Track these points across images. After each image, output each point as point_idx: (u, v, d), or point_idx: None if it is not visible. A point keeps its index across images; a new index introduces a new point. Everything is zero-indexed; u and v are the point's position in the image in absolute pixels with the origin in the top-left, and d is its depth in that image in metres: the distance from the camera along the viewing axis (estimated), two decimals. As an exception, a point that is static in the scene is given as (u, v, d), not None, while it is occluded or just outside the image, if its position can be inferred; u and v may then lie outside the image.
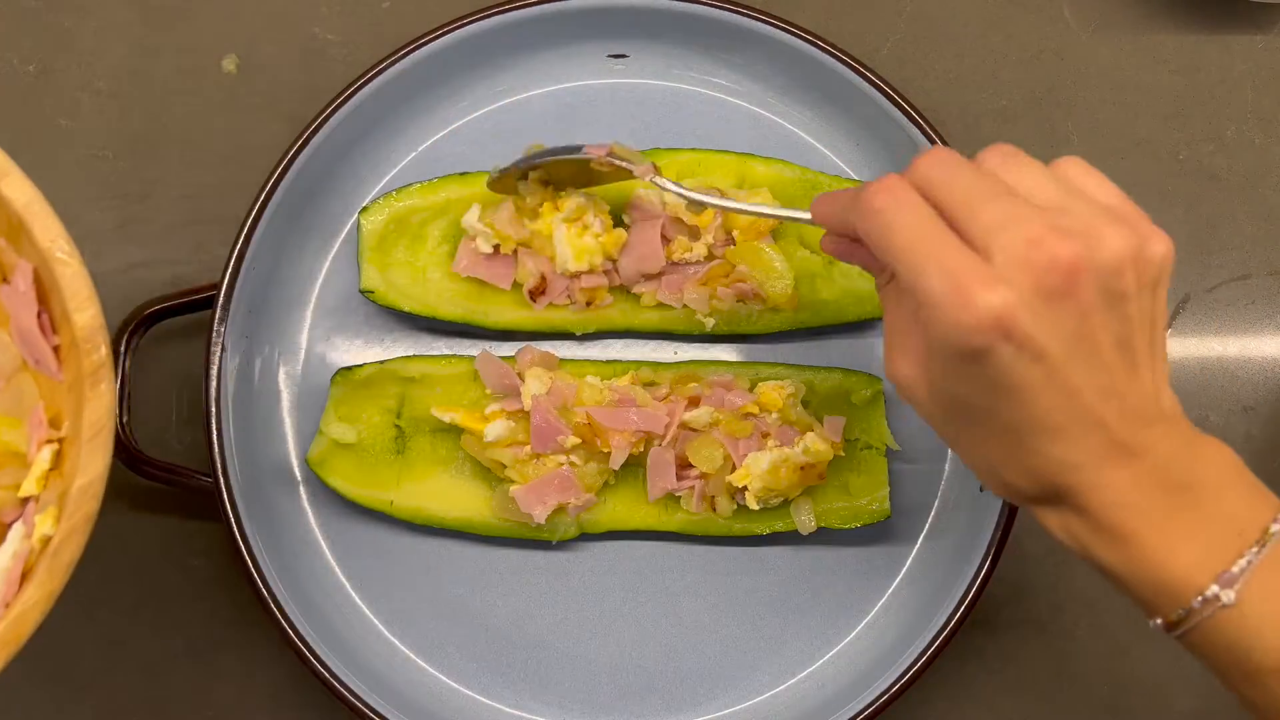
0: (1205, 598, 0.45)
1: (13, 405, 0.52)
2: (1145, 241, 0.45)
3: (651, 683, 0.66)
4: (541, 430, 0.63)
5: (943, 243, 0.44)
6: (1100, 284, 0.43)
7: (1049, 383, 0.44)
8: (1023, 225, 0.43)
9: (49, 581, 0.46)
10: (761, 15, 0.67)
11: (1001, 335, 0.42)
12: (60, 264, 0.48)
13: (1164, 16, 0.76)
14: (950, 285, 0.43)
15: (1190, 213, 0.74)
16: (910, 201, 0.45)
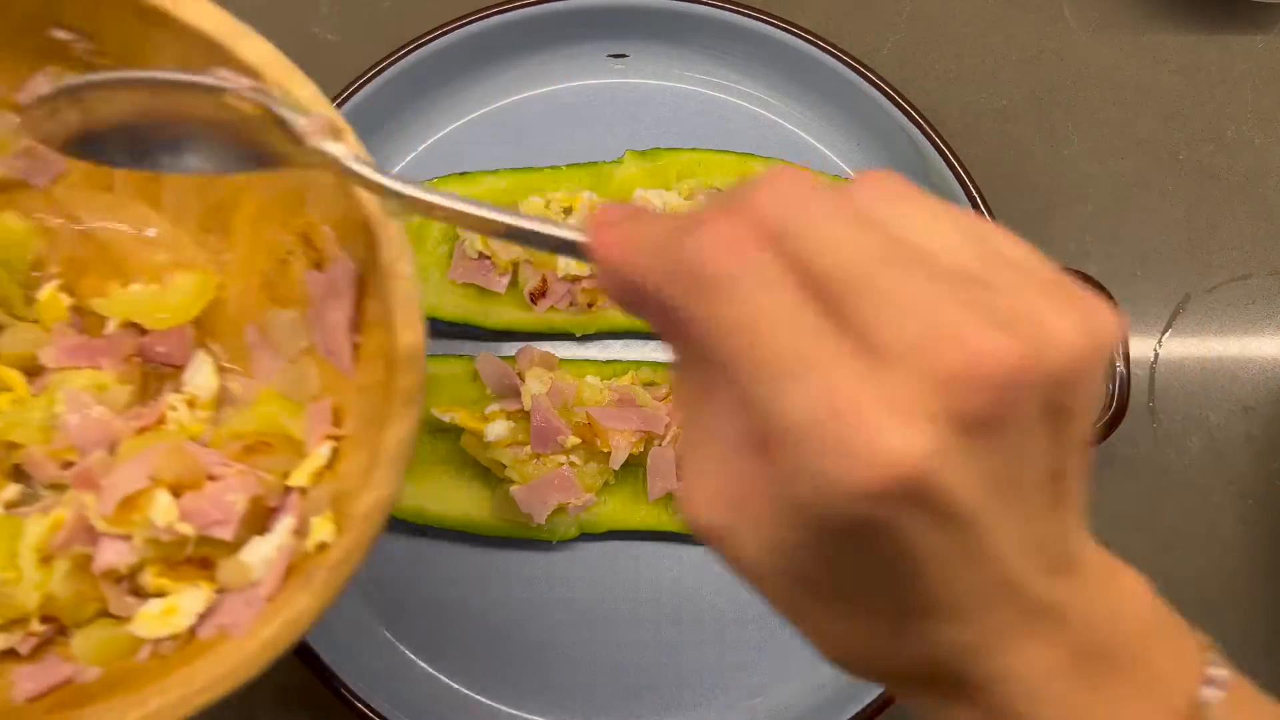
0: None
1: (292, 387, 0.51)
2: (1096, 326, 0.29)
3: (652, 683, 0.66)
4: (541, 430, 0.63)
5: (821, 343, 0.27)
6: (1045, 402, 0.28)
7: (961, 550, 0.29)
8: (936, 314, 0.27)
9: (325, 593, 0.44)
10: (761, 15, 0.67)
11: (908, 500, 0.27)
12: (400, 279, 0.46)
13: (1164, 16, 0.76)
14: (833, 418, 0.26)
15: (1190, 212, 0.74)
16: (765, 272, 0.28)
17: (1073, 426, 0.29)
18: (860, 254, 0.28)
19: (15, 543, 0.46)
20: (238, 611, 0.46)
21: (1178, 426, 0.72)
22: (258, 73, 0.44)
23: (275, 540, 0.47)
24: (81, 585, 0.46)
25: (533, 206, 0.66)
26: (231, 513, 0.47)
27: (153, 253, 0.53)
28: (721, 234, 0.28)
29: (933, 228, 0.29)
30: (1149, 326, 0.73)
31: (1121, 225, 0.73)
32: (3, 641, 0.46)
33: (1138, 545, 0.70)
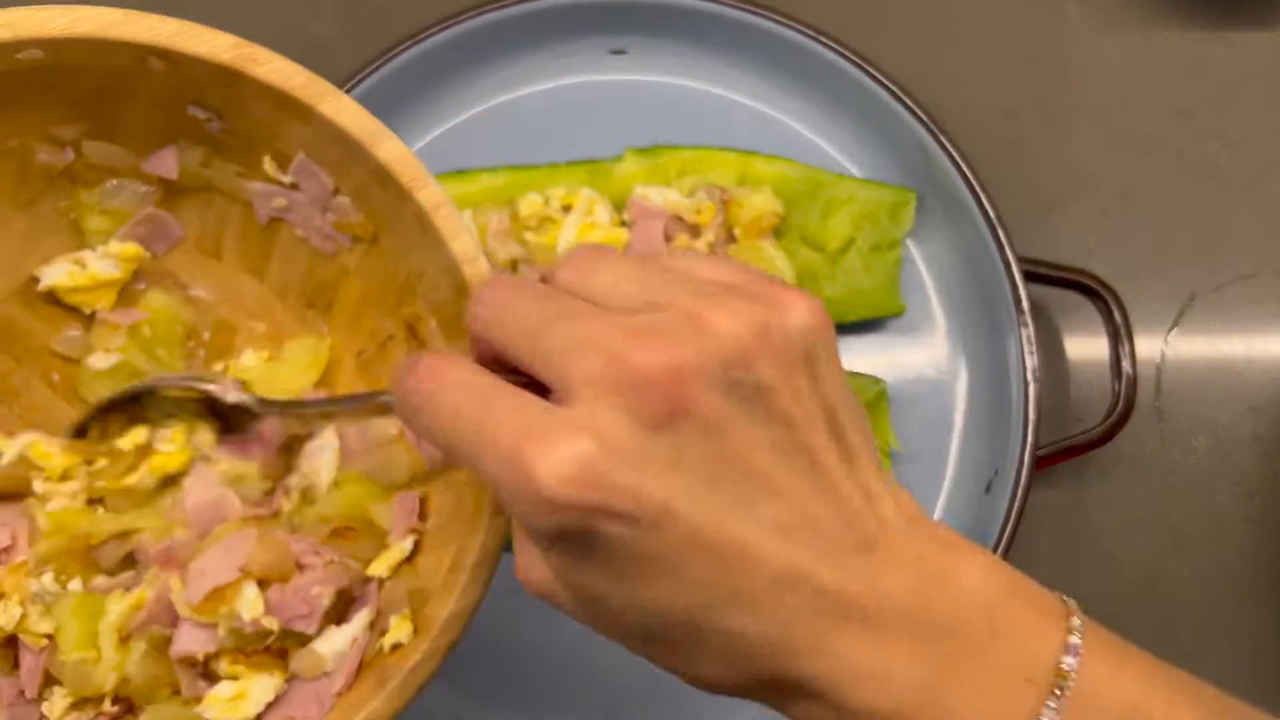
0: None
1: (379, 473, 0.49)
2: (771, 312, 0.33)
3: (651, 682, 0.66)
4: (541, 430, 0.63)
5: (491, 405, 0.32)
6: (723, 385, 0.31)
7: (693, 544, 0.31)
8: (596, 341, 0.31)
9: (399, 698, 0.43)
10: (764, 11, 0.67)
11: (588, 507, 0.30)
12: None
13: (1169, 14, 0.75)
14: (506, 458, 0.31)
15: (1196, 211, 0.73)
16: (450, 375, 0.33)
17: (778, 399, 0.32)
18: (536, 315, 0.33)
19: (96, 621, 0.46)
20: (307, 704, 0.45)
21: (1184, 426, 0.71)
22: (389, 171, 0.45)
23: (350, 632, 0.47)
24: (156, 668, 0.46)
25: (531, 204, 0.65)
26: (316, 606, 0.46)
27: (255, 324, 0.53)
28: (414, 366, 0.34)
29: (611, 274, 0.34)
30: (1155, 326, 0.72)
31: (1127, 224, 0.73)
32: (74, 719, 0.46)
33: (1144, 545, 0.70)
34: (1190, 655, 0.47)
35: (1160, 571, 0.70)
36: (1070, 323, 0.72)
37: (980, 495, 0.65)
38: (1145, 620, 0.70)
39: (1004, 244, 0.65)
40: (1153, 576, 0.70)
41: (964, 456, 0.67)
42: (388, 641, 0.45)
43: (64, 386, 0.52)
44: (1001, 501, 0.63)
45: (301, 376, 0.52)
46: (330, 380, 0.53)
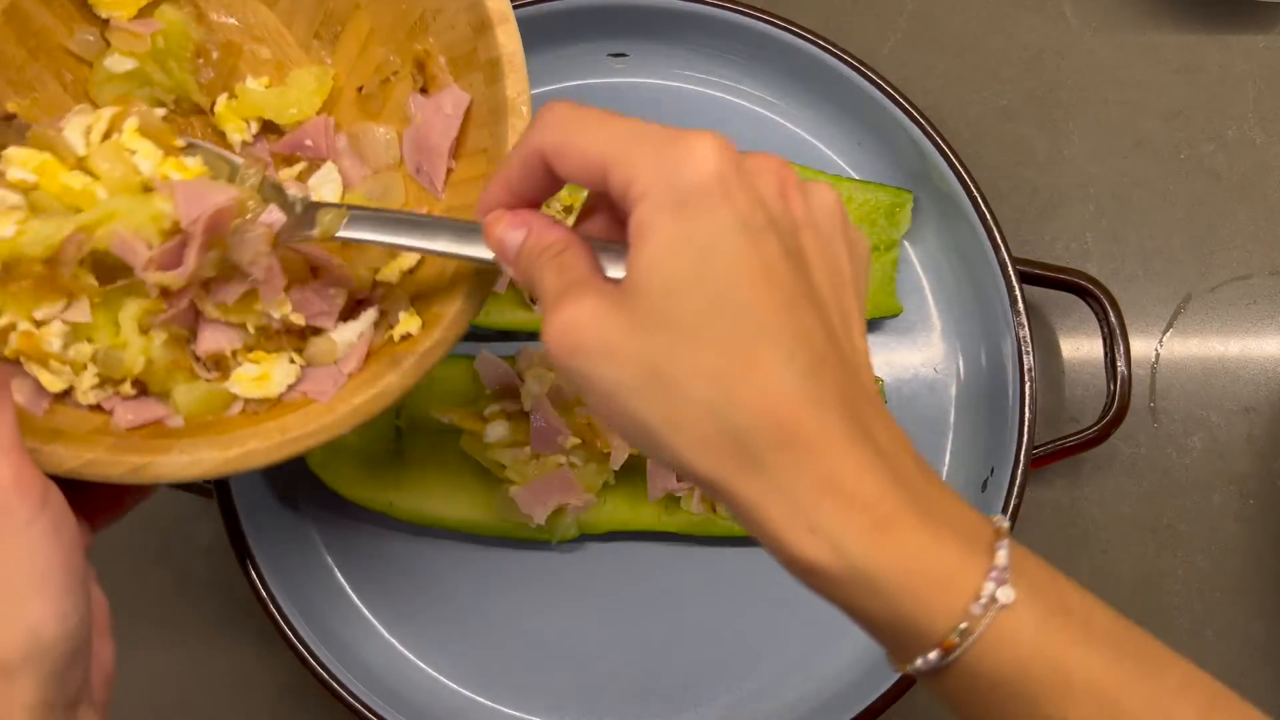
0: (984, 601, 0.36)
1: (376, 197, 0.54)
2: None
3: (651, 683, 0.66)
4: (541, 430, 0.63)
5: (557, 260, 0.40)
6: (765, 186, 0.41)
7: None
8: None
9: (412, 375, 0.49)
10: (762, 14, 0.67)
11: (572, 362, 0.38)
12: (518, 116, 0.50)
13: (1165, 15, 0.76)
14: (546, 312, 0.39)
15: (1192, 212, 0.74)
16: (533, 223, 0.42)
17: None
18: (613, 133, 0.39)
19: (116, 313, 0.49)
20: (322, 382, 0.51)
21: (1179, 427, 0.72)
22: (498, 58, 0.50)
23: (359, 327, 0.52)
24: (176, 354, 0.50)
25: None
26: (334, 305, 0.51)
27: (261, 49, 0.56)
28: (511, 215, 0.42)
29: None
30: (1150, 326, 0.73)
31: (1123, 225, 0.73)
32: (96, 396, 0.49)
33: (1138, 545, 0.70)
34: (1184, 654, 0.48)
35: (1154, 570, 0.70)
36: (1066, 323, 0.72)
37: (976, 494, 0.66)
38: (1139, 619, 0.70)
39: (1000, 245, 0.65)
40: (1147, 575, 0.70)
41: (960, 455, 0.68)
42: (397, 333, 0.50)
43: (75, 87, 0.54)
44: (997, 500, 0.63)
45: (305, 103, 0.55)
46: (329, 110, 0.55)
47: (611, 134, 0.39)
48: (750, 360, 0.36)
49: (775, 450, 0.36)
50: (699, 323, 0.36)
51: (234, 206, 0.47)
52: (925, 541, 0.36)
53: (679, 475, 0.39)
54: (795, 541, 0.36)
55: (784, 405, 0.36)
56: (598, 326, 0.37)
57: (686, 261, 0.36)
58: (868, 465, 0.36)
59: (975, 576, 0.36)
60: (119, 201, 0.47)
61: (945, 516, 0.37)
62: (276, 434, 0.48)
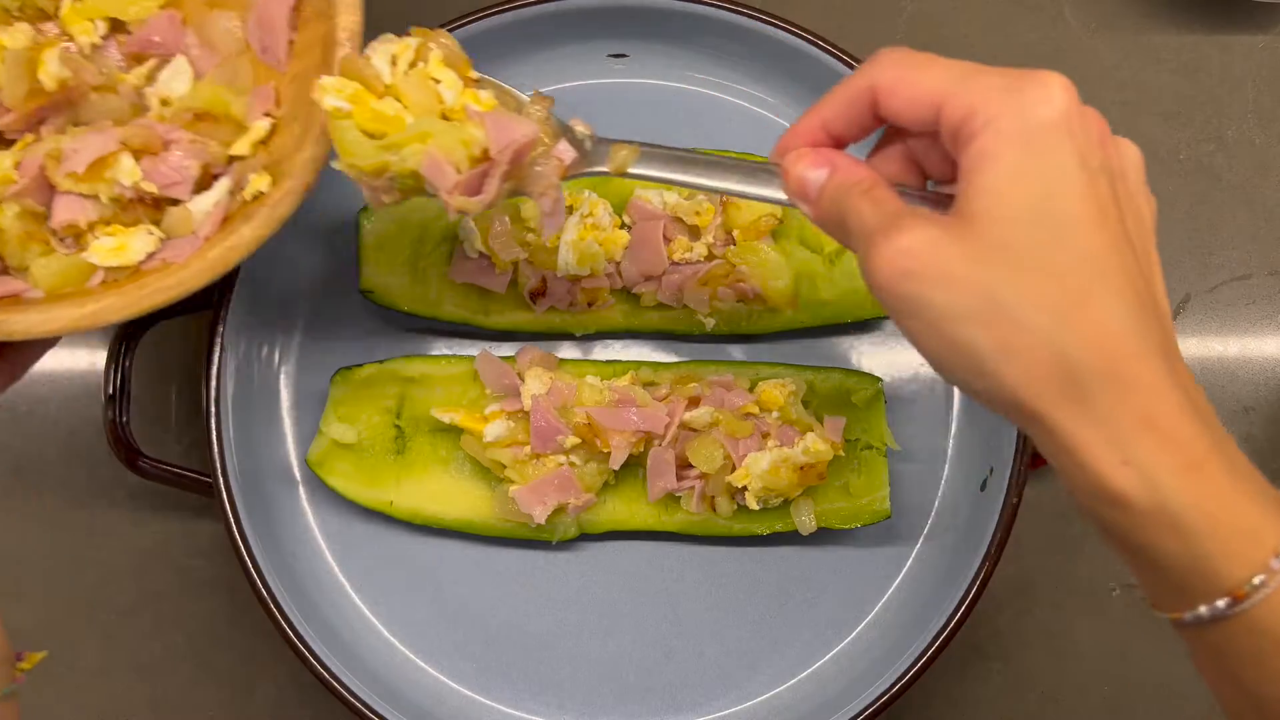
0: (1272, 569, 0.37)
1: (228, 79, 0.56)
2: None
3: (651, 683, 0.66)
4: (541, 430, 0.63)
5: (867, 198, 0.43)
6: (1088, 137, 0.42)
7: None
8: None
9: (263, 227, 0.52)
10: (762, 15, 0.67)
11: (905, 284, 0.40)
12: None
13: (1164, 16, 0.76)
14: (866, 247, 0.42)
15: (1191, 212, 0.74)
16: (838, 163, 0.46)
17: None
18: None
19: None
20: (181, 249, 0.53)
21: (1178, 426, 0.72)
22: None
23: (214, 196, 0.54)
24: (31, 228, 0.52)
25: (533, 206, 0.66)
26: (186, 175, 0.54)
27: None
28: (814, 153, 0.47)
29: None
30: (1149, 326, 0.73)
31: (1122, 225, 0.73)
32: None
33: (1138, 545, 0.70)
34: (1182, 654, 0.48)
35: (1154, 570, 0.70)
36: (1065, 323, 0.72)
37: (975, 493, 0.66)
38: (1139, 619, 0.70)
39: (999, 246, 0.65)
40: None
41: (960, 455, 0.68)
42: (249, 192, 0.53)
43: None
44: (996, 499, 0.64)
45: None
46: (174, 4, 0.57)
47: (950, 69, 0.41)
48: (1086, 295, 0.38)
49: (1102, 382, 0.37)
50: (1041, 254, 0.38)
51: (535, 139, 0.49)
52: (1234, 489, 0.37)
53: (992, 405, 0.40)
54: (1109, 471, 0.38)
55: (1115, 341, 0.38)
56: (935, 252, 0.38)
57: (1032, 193, 0.38)
58: (1184, 409, 0.38)
59: (1273, 543, 0.37)
60: (434, 124, 0.48)
61: (1248, 471, 0.39)
62: (134, 291, 0.51)
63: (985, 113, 0.39)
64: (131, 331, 0.64)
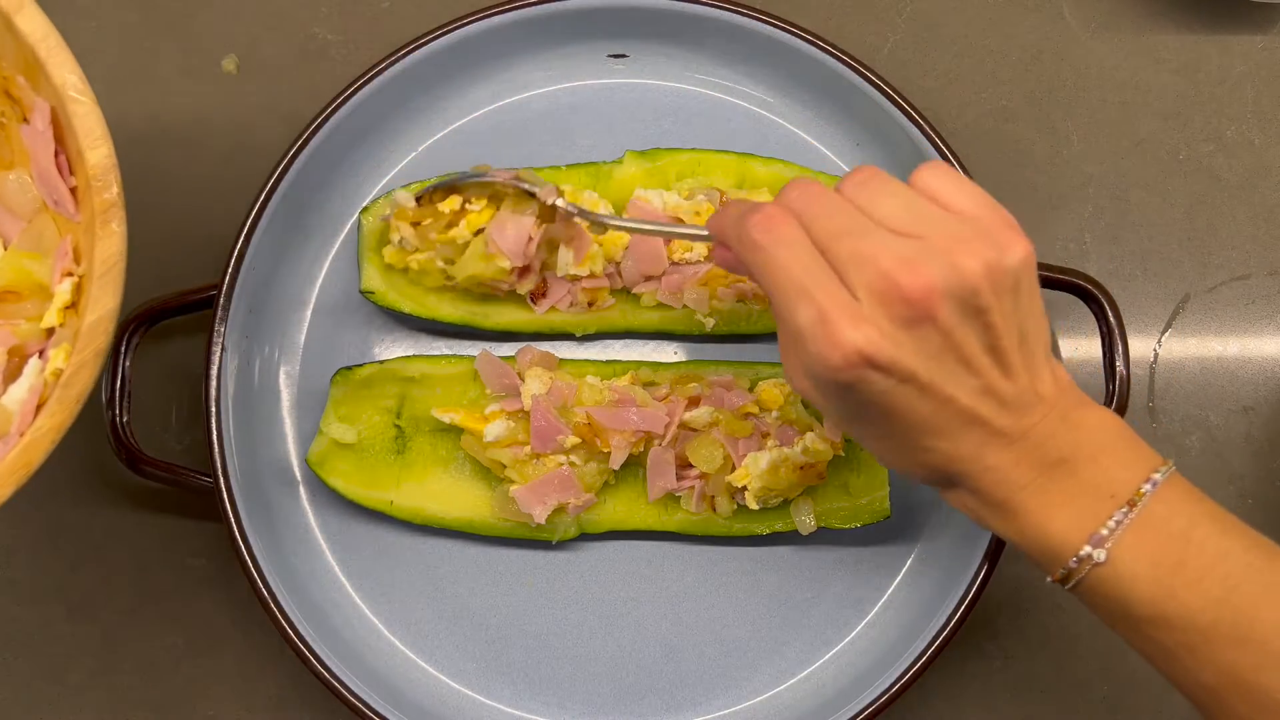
0: (1080, 557, 0.49)
1: (34, 243, 0.53)
2: (1002, 252, 0.47)
3: (651, 683, 0.66)
4: (541, 430, 0.63)
5: (815, 279, 0.46)
6: (958, 304, 0.46)
7: (922, 397, 0.47)
8: (876, 260, 0.46)
9: (59, 413, 0.47)
10: (762, 15, 0.67)
11: (867, 367, 0.46)
12: (73, 102, 0.48)
13: (1164, 16, 0.76)
14: (818, 322, 0.46)
15: (1190, 213, 0.74)
16: (787, 237, 0.48)
17: (989, 316, 0.47)
18: (835, 223, 0.48)
19: None
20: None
21: (1177, 426, 0.72)
22: (33, 49, 0.47)
23: (26, 382, 0.50)
24: None
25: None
26: None
27: None
28: (763, 216, 0.49)
29: (886, 201, 0.48)
30: (1149, 326, 0.73)
31: (1121, 225, 0.73)
32: None
33: (1137, 545, 0.70)
34: (1181, 652, 0.48)
35: (1154, 569, 0.70)
36: (1064, 323, 0.72)
37: (975, 494, 0.66)
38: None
39: (999, 246, 0.65)
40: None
41: (960, 456, 0.68)
42: (50, 371, 0.49)
43: None
44: (996, 500, 0.64)
45: None
46: None
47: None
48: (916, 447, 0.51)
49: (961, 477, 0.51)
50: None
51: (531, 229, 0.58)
52: (1038, 514, 0.50)
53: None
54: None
55: (948, 461, 0.51)
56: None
57: None
58: (1014, 464, 0.50)
59: (1076, 540, 0.49)
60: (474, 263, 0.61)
61: (1078, 484, 0.49)
62: None
63: None
64: (131, 331, 0.65)
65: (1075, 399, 0.51)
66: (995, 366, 0.48)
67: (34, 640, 0.68)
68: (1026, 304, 0.49)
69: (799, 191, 0.49)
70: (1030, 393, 0.49)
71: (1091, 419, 0.50)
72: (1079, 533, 0.49)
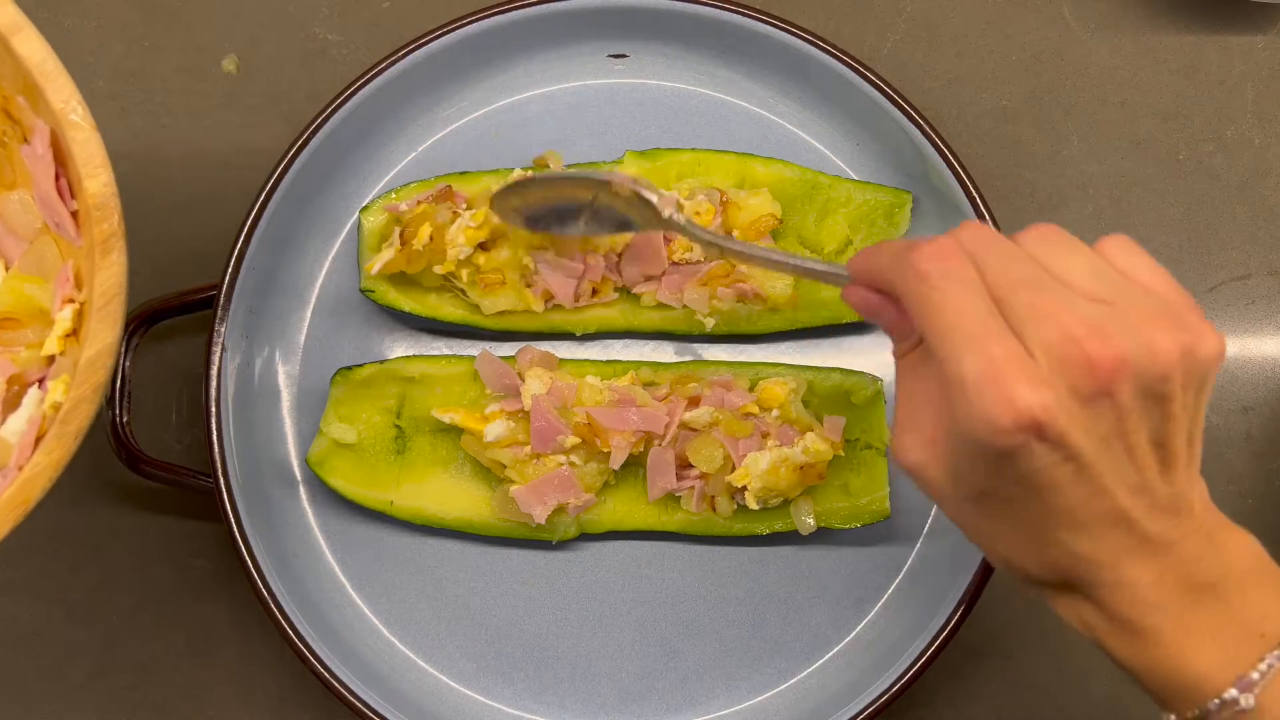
0: (1223, 700, 0.44)
1: (35, 266, 0.52)
2: (1196, 341, 0.43)
3: (651, 683, 0.66)
4: (541, 430, 0.63)
5: (987, 327, 0.41)
6: (1142, 387, 0.42)
7: (1078, 481, 0.42)
8: (1062, 320, 0.41)
9: (57, 449, 0.46)
10: (762, 15, 0.67)
11: (1035, 435, 0.41)
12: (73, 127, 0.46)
13: (1164, 17, 0.76)
14: (990, 375, 0.41)
15: (1190, 213, 0.74)
16: (962, 274, 0.43)
17: (1171, 406, 0.43)
18: (1015, 272, 0.43)
19: None
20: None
21: (1177, 426, 0.72)
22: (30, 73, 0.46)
23: (25, 413, 0.49)
24: None
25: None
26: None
27: None
28: (936, 247, 0.43)
29: (1072, 261, 0.43)
30: (1148, 326, 0.73)
31: (1121, 225, 0.73)
32: None
33: (1137, 545, 0.70)
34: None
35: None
36: (1065, 323, 0.72)
37: (975, 494, 0.66)
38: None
39: (999, 246, 0.65)
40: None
41: (960, 456, 0.68)
42: (49, 404, 0.47)
43: None
44: (996, 500, 0.64)
45: None
46: None
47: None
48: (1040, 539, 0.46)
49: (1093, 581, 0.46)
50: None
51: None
52: (1178, 644, 0.45)
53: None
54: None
55: (1076, 563, 0.45)
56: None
57: None
58: (1149, 581, 0.45)
59: (1221, 681, 0.44)
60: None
61: (1225, 616, 0.45)
62: None
63: None
64: (131, 331, 0.65)
65: (1218, 520, 0.46)
66: (1157, 463, 0.43)
67: (34, 640, 0.68)
68: (1203, 402, 0.44)
69: (974, 232, 0.44)
70: (1185, 499, 0.44)
71: (1237, 543, 0.46)
72: (1225, 673, 0.44)
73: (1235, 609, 0.45)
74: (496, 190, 0.61)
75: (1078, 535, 0.44)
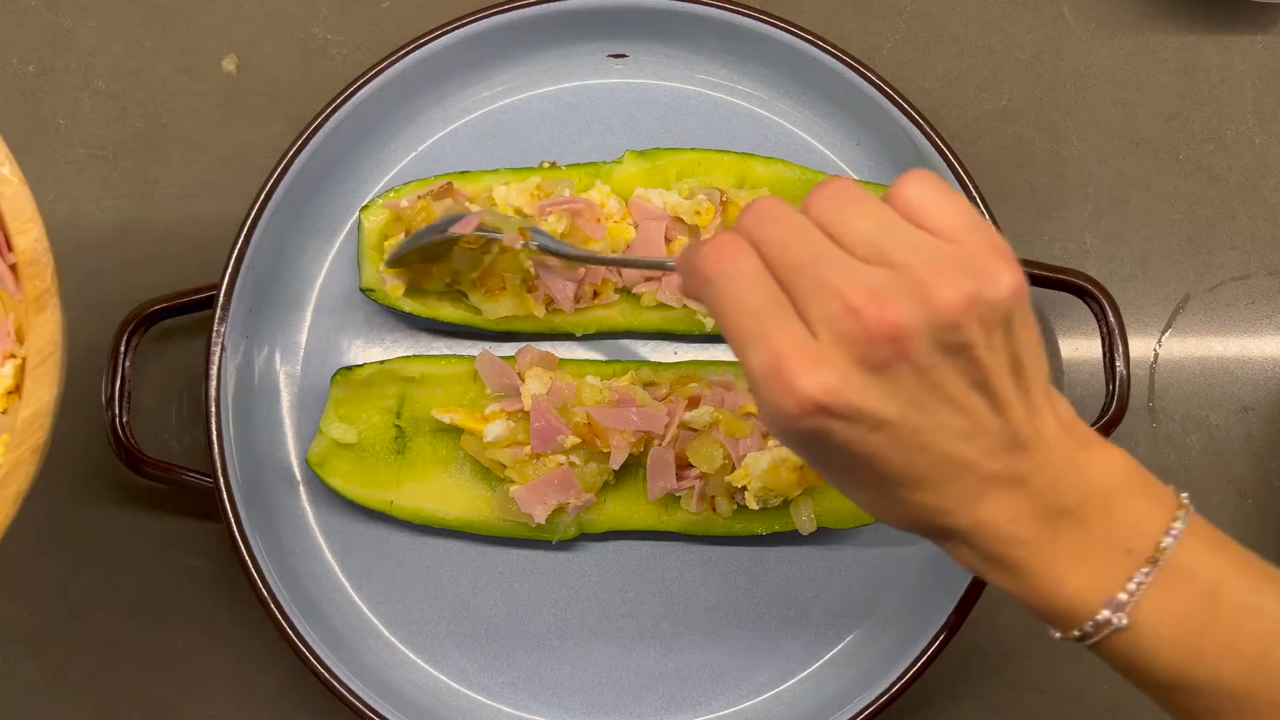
0: (1097, 622, 0.44)
1: None
2: (984, 285, 0.41)
3: (651, 683, 0.66)
4: (541, 430, 0.63)
5: (772, 317, 0.41)
6: (934, 341, 0.41)
7: (895, 444, 0.42)
8: (841, 292, 0.40)
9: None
10: (762, 15, 0.67)
11: (825, 416, 0.41)
12: (2, 182, 0.45)
13: (1164, 16, 0.76)
14: (773, 368, 0.41)
15: (1190, 212, 0.74)
16: (740, 270, 0.42)
17: (974, 351, 0.41)
18: (801, 254, 0.42)
19: None
20: None
21: (1177, 426, 0.72)
22: None
23: None
24: None
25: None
26: None
27: None
28: (713, 247, 0.43)
29: (856, 222, 0.42)
30: (1149, 326, 0.73)
31: (1121, 225, 0.73)
32: None
33: (1137, 545, 0.70)
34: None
35: (1154, 569, 0.70)
36: (1064, 323, 0.72)
37: (975, 494, 0.66)
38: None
39: (999, 246, 0.65)
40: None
41: (960, 456, 0.68)
42: None
43: None
44: (996, 500, 0.64)
45: None
46: None
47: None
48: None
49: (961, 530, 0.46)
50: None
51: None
52: (1045, 574, 0.45)
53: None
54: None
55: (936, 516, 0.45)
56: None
57: None
58: (1010, 519, 0.44)
59: (1093, 603, 0.44)
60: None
61: (1089, 539, 0.44)
62: None
63: None
64: (131, 331, 0.65)
65: (1082, 439, 0.45)
66: (984, 404, 0.43)
67: (34, 640, 0.68)
68: (1020, 336, 0.43)
69: (755, 214, 0.43)
70: (1027, 431, 0.44)
71: (1100, 460, 0.45)
72: (1095, 595, 0.44)
73: (1100, 530, 0.44)
74: (388, 259, 0.65)
75: (918, 491, 0.44)
